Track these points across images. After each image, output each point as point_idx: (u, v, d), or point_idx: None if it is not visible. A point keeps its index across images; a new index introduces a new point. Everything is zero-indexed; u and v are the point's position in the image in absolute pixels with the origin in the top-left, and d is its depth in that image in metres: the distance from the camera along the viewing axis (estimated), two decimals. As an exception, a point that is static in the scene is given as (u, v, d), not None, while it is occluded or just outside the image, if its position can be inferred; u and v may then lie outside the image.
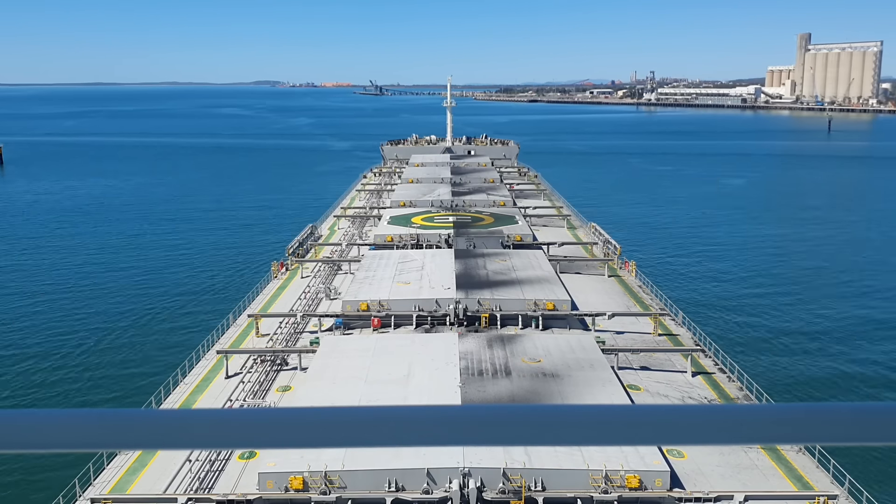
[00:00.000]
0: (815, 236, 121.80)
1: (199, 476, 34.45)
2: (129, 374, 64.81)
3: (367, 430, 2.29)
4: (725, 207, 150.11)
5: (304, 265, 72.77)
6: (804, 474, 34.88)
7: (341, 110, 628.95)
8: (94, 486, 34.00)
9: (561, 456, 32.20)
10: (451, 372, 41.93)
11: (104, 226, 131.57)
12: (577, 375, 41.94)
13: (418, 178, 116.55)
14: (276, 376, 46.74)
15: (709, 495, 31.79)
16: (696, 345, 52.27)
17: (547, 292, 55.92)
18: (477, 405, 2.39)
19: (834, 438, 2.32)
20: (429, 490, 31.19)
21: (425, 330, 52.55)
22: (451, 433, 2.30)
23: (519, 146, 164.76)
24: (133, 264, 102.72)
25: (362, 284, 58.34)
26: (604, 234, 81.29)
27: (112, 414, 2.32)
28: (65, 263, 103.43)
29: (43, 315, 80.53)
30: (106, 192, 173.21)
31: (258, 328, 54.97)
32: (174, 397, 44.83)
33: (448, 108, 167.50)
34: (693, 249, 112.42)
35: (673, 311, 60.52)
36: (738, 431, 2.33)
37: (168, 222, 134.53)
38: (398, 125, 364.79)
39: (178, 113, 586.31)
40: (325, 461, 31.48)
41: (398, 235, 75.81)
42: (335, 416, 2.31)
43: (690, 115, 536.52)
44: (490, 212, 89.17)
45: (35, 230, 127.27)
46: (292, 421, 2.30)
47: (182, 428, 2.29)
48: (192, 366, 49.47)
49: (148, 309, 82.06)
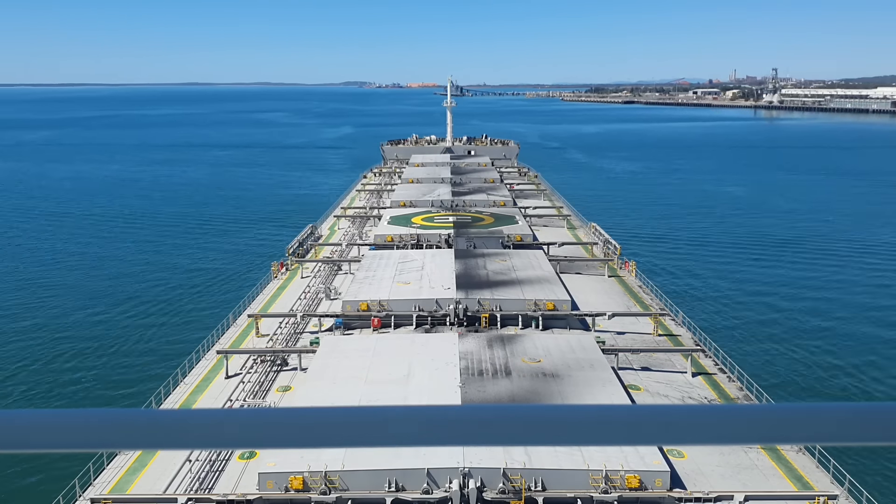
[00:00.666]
0: (816, 236, 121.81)
1: (199, 476, 34.45)
2: (130, 374, 64.79)
3: (367, 430, 2.29)
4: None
5: (304, 265, 72.77)
6: (804, 474, 34.88)
7: (405, 115, 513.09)
8: (94, 486, 34.00)
9: (561, 456, 32.20)
10: (451, 372, 41.94)
11: (104, 226, 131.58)
12: (577, 375, 41.94)
13: (418, 178, 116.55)
14: (276, 376, 46.74)
15: (709, 495, 31.79)
16: (696, 345, 52.26)
17: (547, 292, 55.92)
18: (477, 405, 2.39)
19: (834, 438, 2.32)
20: (429, 490, 31.19)
21: (425, 330, 52.55)
22: (451, 433, 2.30)
23: (519, 146, 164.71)
24: (133, 264, 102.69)
25: (362, 284, 58.34)
26: (604, 234, 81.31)
27: (112, 414, 2.32)
28: (65, 264, 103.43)
29: (43, 315, 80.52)
30: (105, 192, 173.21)
31: (258, 328, 54.97)
32: (174, 397, 44.84)
33: (448, 107, 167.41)
34: (693, 249, 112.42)
35: (673, 312, 60.51)
36: (738, 431, 2.33)
37: (168, 222, 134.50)
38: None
39: (217, 120, 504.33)
40: (325, 461, 31.47)
41: (398, 235, 75.81)
42: (335, 416, 2.31)
43: (827, 124, 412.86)
44: (490, 212, 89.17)
45: (35, 230, 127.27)
46: (292, 421, 2.30)
47: (182, 428, 2.29)
48: (192, 366, 49.47)
49: (148, 309, 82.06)
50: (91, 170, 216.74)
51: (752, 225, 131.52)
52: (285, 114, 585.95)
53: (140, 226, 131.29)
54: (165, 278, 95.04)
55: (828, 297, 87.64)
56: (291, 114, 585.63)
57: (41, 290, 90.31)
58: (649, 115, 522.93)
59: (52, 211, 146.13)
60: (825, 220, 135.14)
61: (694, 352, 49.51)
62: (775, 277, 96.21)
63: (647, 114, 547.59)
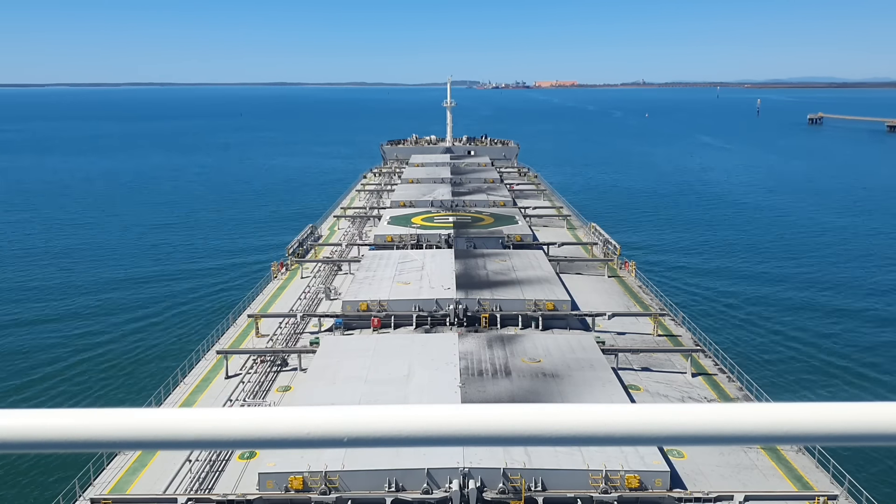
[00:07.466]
0: (818, 236, 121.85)
1: (199, 476, 34.45)
2: (130, 374, 64.78)
3: (367, 430, 2.29)
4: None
5: (304, 265, 72.77)
6: (804, 474, 34.88)
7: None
8: (94, 486, 34.01)
9: (561, 456, 32.19)
10: (451, 372, 41.94)
11: (104, 225, 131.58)
12: (577, 375, 41.94)
13: (418, 178, 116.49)
14: (276, 376, 46.73)
15: (709, 495, 31.78)
16: (696, 345, 52.25)
17: (547, 292, 55.92)
18: (477, 405, 2.39)
19: (834, 438, 2.32)
20: (429, 490, 31.18)
21: (425, 330, 52.54)
22: (451, 433, 2.30)
23: (519, 146, 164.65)
24: (133, 265, 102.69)
25: (362, 284, 58.34)
26: (604, 234, 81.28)
27: (112, 414, 2.32)
28: (65, 263, 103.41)
29: (43, 315, 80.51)
30: (105, 191, 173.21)
31: (258, 328, 54.97)
32: (174, 397, 44.85)
33: (448, 107, 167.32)
34: (693, 249, 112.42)
35: (673, 312, 60.49)
36: (738, 431, 2.33)
37: (168, 222, 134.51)
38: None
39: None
40: (325, 461, 31.47)
41: (398, 235, 75.79)
42: (335, 416, 2.31)
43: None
44: (490, 212, 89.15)
45: (34, 230, 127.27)
46: (292, 421, 2.30)
47: (182, 428, 2.29)
48: (192, 366, 49.48)
49: (148, 309, 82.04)
50: (90, 168, 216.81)
51: (752, 224, 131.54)
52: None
53: (140, 225, 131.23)
54: (165, 278, 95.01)
55: (828, 297, 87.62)
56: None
57: (41, 290, 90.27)
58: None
59: (52, 210, 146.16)
60: (834, 222, 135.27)
61: (694, 352, 49.49)
62: (775, 277, 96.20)
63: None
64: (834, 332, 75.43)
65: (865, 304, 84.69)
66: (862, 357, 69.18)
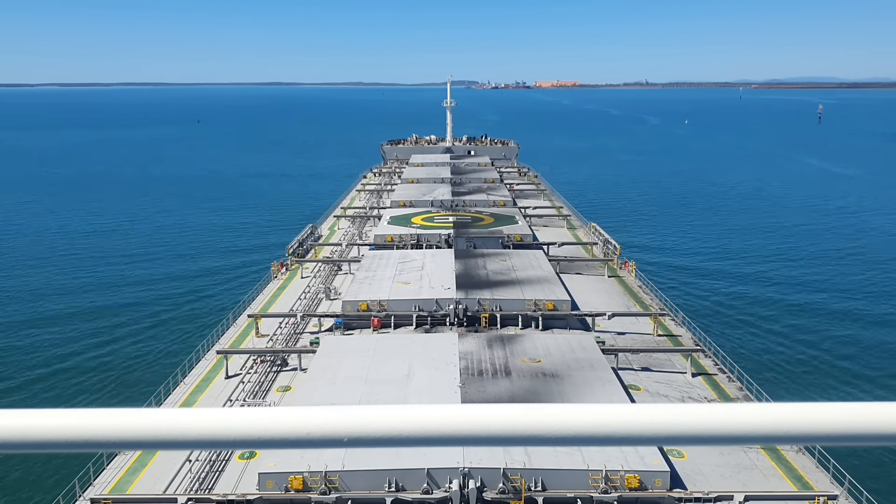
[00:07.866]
0: (819, 236, 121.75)
1: (199, 476, 34.45)
2: (130, 374, 64.78)
3: (367, 430, 2.29)
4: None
5: (304, 265, 72.76)
6: (804, 474, 34.88)
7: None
8: (94, 486, 34.00)
9: (561, 456, 32.18)
10: (451, 372, 41.93)
11: (104, 225, 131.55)
12: (577, 375, 41.93)
13: (418, 178, 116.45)
14: (276, 376, 46.73)
15: (709, 495, 31.77)
16: (696, 345, 52.24)
17: (547, 292, 55.90)
18: (477, 405, 2.39)
19: (834, 438, 2.32)
20: (429, 490, 31.18)
21: (425, 330, 52.53)
22: (451, 433, 2.30)
23: (519, 146, 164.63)
24: (133, 265, 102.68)
25: (362, 284, 58.33)
26: (604, 234, 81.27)
27: (112, 414, 2.32)
28: (64, 263, 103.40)
29: (43, 316, 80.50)
30: (104, 192, 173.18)
31: (258, 328, 54.96)
32: (174, 397, 44.84)
33: (448, 107, 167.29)
34: (693, 249, 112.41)
35: (673, 312, 60.49)
36: (738, 431, 2.33)
37: (168, 223, 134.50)
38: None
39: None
40: (325, 461, 31.46)
41: (398, 235, 75.77)
42: (335, 416, 2.31)
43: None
44: (490, 212, 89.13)
45: (33, 230, 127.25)
46: (292, 421, 2.30)
47: (182, 428, 2.29)
48: (192, 366, 49.47)
49: (148, 309, 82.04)
50: (89, 169, 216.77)
51: (752, 225, 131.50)
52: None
53: (140, 225, 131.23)
54: (165, 278, 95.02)
55: (828, 297, 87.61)
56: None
57: (41, 290, 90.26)
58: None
59: (52, 210, 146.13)
60: (831, 220, 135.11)
61: (694, 352, 49.49)
62: (775, 278, 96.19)
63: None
64: (834, 333, 75.43)
65: (865, 305, 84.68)
66: (862, 357, 69.19)
